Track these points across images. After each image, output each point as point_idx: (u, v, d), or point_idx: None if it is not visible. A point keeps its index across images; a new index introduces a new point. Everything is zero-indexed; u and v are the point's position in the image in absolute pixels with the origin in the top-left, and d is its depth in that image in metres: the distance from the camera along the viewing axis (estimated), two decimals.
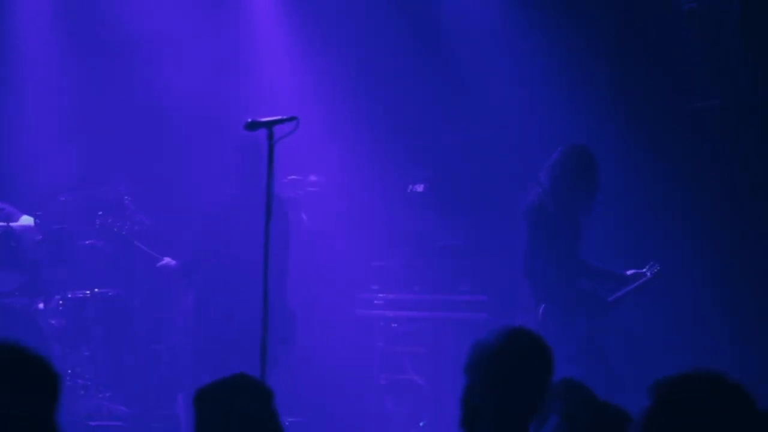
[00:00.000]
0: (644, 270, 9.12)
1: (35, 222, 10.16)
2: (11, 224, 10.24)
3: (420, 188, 11.03)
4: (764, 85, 10.16)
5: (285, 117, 6.81)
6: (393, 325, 10.77)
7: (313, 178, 10.62)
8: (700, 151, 10.48)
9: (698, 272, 10.16)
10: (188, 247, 9.71)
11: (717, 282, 10.19)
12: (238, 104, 10.51)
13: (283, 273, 9.16)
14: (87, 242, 10.49)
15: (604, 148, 9.58)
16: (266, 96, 10.84)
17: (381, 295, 10.85)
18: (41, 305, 10.34)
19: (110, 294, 10.47)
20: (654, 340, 10.21)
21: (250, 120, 6.87)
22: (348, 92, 11.21)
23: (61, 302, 10.38)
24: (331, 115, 11.00)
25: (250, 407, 4.27)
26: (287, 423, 7.94)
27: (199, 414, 4.30)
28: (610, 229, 10.10)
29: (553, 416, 4.47)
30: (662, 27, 10.50)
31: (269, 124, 6.80)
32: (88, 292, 10.42)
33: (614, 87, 10.64)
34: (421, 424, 10.42)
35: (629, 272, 9.15)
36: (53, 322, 10.33)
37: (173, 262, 9.65)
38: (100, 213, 9.86)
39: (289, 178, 10.49)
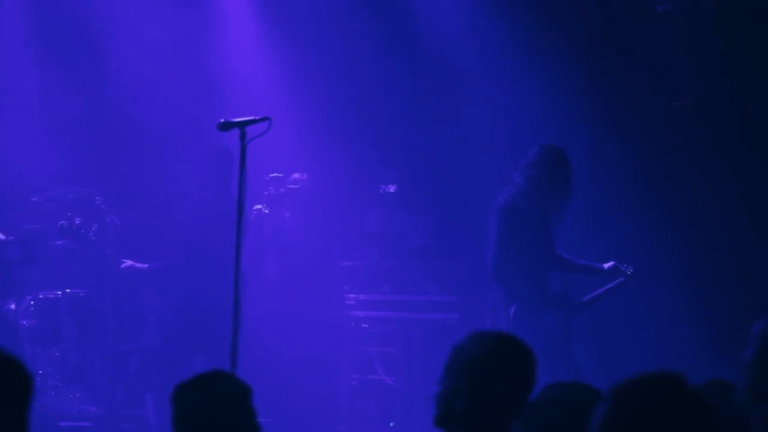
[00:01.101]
0: (622, 267, 9.16)
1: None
2: None
3: (392, 189, 11.15)
4: (739, 85, 10.24)
5: (258, 117, 6.85)
6: (363, 325, 10.82)
7: (296, 175, 10.71)
8: (675, 151, 10.56)
9: (674, 272, 10.26)
10: (161, 249, 9.82)
11: (693, 282, 10.27)
12: (212, 104, 10.59)
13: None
14: (59, 243, 10.54)
15: (578, 148, 9.78)
16: (240, 96, 10.89)
17: (352, 295, 10.87)
18: (13, 306, 10.34)
19: (81, 295, 10.53)
20: (629, 340, 10.28)
21: (223, 120, 6.88)
22: (320, 93, 11.25)
23: (32, 303, 10.46)
24: (303, 116, 11.06)
25: (228, 404, 4.31)
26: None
27: (176, 410, 4.34)
28: (584, 229, 10.24)
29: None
30: (637, 27, 10.62)
31: (242, 125, 6.84)
32: (59, 292, 10.51)
33: (588, 87, 10.72)
34: (390, 424, 10.51)
35: (606, 265, 9.16)
36: (24, 322, 10.40)
37: (137, 265, 9.69)
38: (69, 214, 9.84)
39: (272, 175, 10.55)
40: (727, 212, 10.33)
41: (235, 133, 6.81)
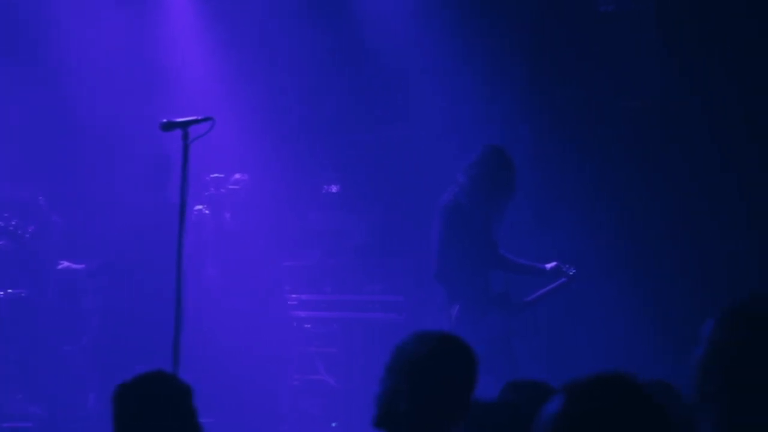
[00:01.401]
0: (564, 266, 9.20)
1: None
2: None
3: (334, 188, 11.19)
4: (683, 84, 10.36)
5: (200, 117, 6.87)
6: (306, 325, 10.83)
7: (237, 175, 10.67)
8: (619, 150, 10.64)
9: (622, 270, 10.34)
10: (98, 249, 9.84)
11: (642, 279, 10.38)
12: (154, 104, 10.55)
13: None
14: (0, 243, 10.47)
15: (521, 148, 9.87)
16: (182, 96, 10.86)
17: (294, 295, 10.90)
18: None
19: (22, 295, 10.45)
20: (578, 340, 10.36)
21: (165, 120, 6.90)
22: (262, 93, 11.23)
23: None
24: (245, 116, 11.03)
25: (168, 404, 4.32)
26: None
27: (117, 410, 4.34)
28: (531, 228, 10.31)
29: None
30: (580, 27, 10.67)
31: (185, 125, 6.84)
32: (0, 293, 10.44)
33: (532, 88, 10.77)
34: (333, 424, 10.52)
35: (549, 266, 9.20)
36: None
37: (73, 266, 9.70)
38: (6, 215, 9.84)
39: (212, 176, 10.55)
40: (672, 209, 10.47)
41: (178, 133, 6.80)
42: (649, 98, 10.51)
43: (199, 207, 10.44)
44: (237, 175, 10.75)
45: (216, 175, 10.61)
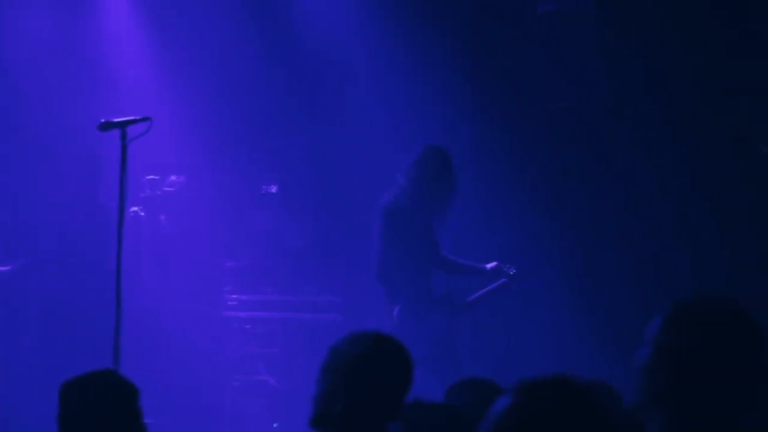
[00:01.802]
0: (505, 266, 9.24)
1: None
2: None
3: (273, 189, 11.06)
4: (620, 85, 10.38)
5: (138, 117, 6.90)
6: (246, 326, 10.77)
7: (173, 177, 10.67)
8: (557, 152, 10.70)
9: (566, 269, 10.40)
10: (27, 248, 9.89)
11: (580, 280, 10.41)
12: (90, 104, 10.50)
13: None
14: None
15: (461, 148, 9.89)
16: (119, 95, 10.78)
17: (234, 296, 10.82)
18: None
19: None
20: (521, 341, 10.38)
21: (103, 120, 6.92)
22: (201, 92, 11.13)
23: None
24: (184, 116, 10.95)
25: (114, 403, 4.30)
26: None
27: (62, 408, 4.33)
28: (468, 230, 10.27)
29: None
30: (518, 28, 10.64)
31: (122, 125, 6.87)
32: None
33: (470, 87, 10.74)
34: (274, 425, 10.51)
35: (489, 266, 9.24)
36: None
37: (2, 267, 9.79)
38: None
39: (147, 177, 10.49)
40: (618, 206, 10.47)
41: (115, 133, 6.85)
42: (593, 97, 10.50)
43: (134, 209, 10.33)
44: (173, 177, 10.70)
45: (152, 176, 10.55)
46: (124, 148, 6.78)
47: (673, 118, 10.25)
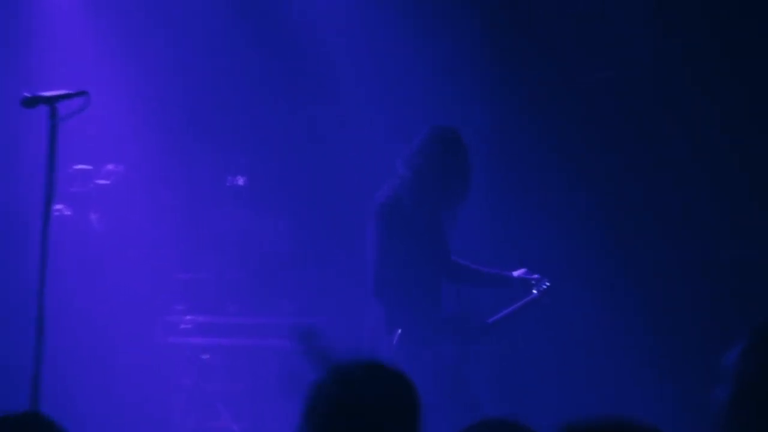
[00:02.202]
0: (534, 276, 9.19)
1: None
2: None
3: (240, 181, 11.19)
4: (660, 55, 10.62)
5: (72, 91, 6.92)
6: (203, 356, 10.77)
7: (109, 167, 10.74)
8: (592, 135, 10.83)
9: (600, 283, 10.53)
10: None
11: (624, 294, 10.52)
12: (17, 76, 10.64)
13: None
14: None
15: (474, 131, 9.86)
16: (51, 67, 10.81)
17: (188, 317, 10.83)
18: None
19: None
20: (544, 371, 10.53)
21: (28, 94, 6.88)
22: (152, 61, 11.22)
23: None
24: (125, 90, 10.97)
25: None
26: None
27: None
28: (484, 230, 10.44)
29: None
30: None
31: (52, 100, 6.84)
32: None
33: (488, 59, 10.86)
34: None
35: (516, 274, 9.20)
36: None
37: None
38: None
39: (76, 168, 10.57)
40: (667, 202, 10.68)
41: (43, 110, 6.82)
42: (631, 66, 10.67)
43: (59, 207, 10.28)
44: (110, 166, 10.75)
45: (82, 166, 10.61)
46: (53, 129, 6.75)
47: (736, 86, 10.46)
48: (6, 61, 11.04)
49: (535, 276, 9.21)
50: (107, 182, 10.63)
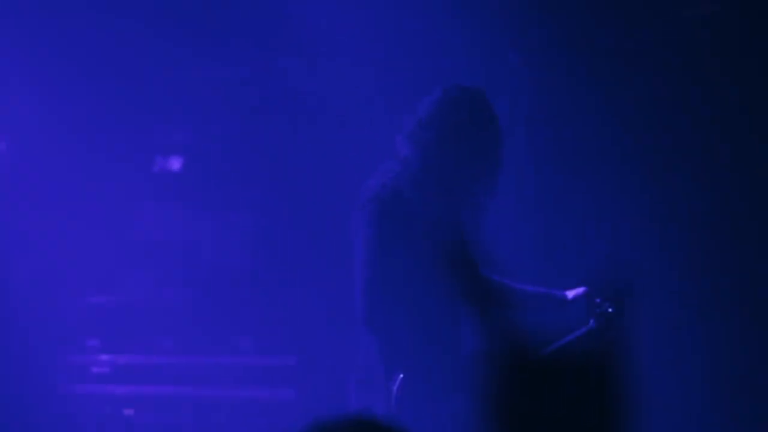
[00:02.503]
0: (596, 299, 8.59)
1: None
2: None
3: (176, 165, 11.15)
4: None
5: None
6: (125, 411, 10.76)
7: None
8: (678, 93, 10.60)
9: (685, 298, 10.42)
10: None
11: (721, 311, 10.45)
12: None
13: None
14: None
15: (508, 92, 9.97)
16: None
17: (104, 356, 10.85)
18: None
19: None
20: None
21: None
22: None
23: None
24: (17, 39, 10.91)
25: None
26: None
27: None
28: (524, 232, 10.33)
29: None
30: None
31: None
32: None
33: None
34: None
35: (571, 294, 8.71)
36: None
37: None
38: None
39: None
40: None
41: None
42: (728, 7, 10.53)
43: None
44: None
45: None
46: None
47: None
48: None
49: (600, 297, 8.56)
50: None
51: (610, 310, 8.46)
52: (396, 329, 8.38)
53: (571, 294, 8.67)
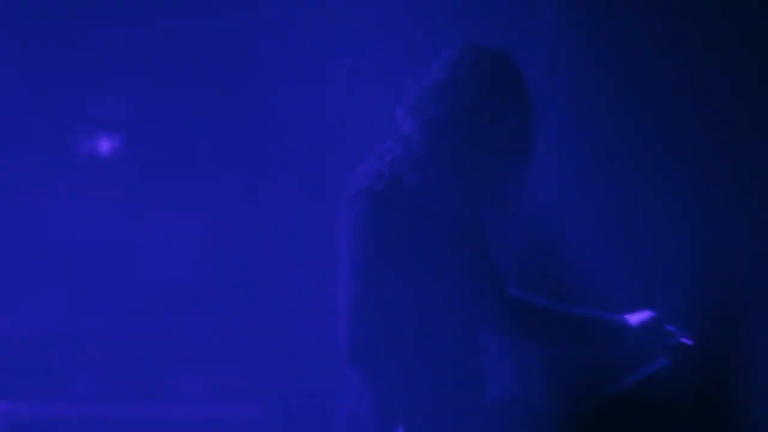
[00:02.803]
0: (667, 326, 8.18)
1: None
2: None
3: (104, 147, 11.27)
4: None
5: None
6: None
7: None
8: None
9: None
10: None
11: None
12: None
13: None
14: None
15: (542, 54, 10.23)
16: None
17: (2, 404, 10.95)
18: None
19: None
20: None
21: None
22: None
23: None
24: None
25: None
26: None
27: None
28: (570, 233, 10.17)
29: None
30: None
31: None
32: None
33: None
34: None
35: (635, 319, 8.08)
36: None
37: None
38: None
39: None
40: None
41: None
42: None
43: None
44: None
45: None
46: None
47: None
48: None
49: (670, 327, 8.14)
50: None
51: (686, 341, 8.12)
52: (394, 367, 7.87)
53: (633, 319, 8.03)
